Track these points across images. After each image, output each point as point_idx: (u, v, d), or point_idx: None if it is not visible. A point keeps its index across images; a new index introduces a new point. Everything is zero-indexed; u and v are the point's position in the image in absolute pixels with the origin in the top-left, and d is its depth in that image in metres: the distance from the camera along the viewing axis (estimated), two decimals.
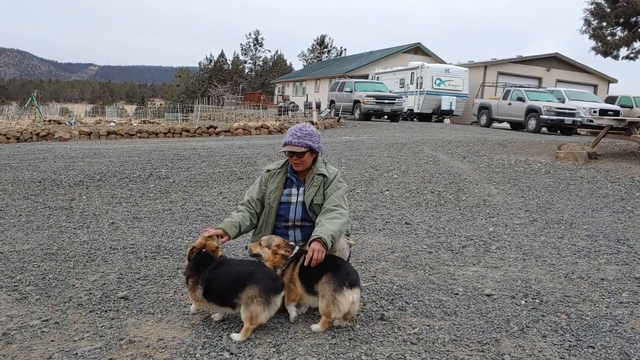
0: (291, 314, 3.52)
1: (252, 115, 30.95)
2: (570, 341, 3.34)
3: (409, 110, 28.32)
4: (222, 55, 75.75)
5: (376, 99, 24.97)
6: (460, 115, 28.43)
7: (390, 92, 26.92)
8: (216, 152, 12.30)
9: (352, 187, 8.82)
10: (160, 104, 63.65)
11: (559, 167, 10.84)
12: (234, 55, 78.25)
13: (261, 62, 77.33)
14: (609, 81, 35.05)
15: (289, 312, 3.53)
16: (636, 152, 12.85)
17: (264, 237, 3.72)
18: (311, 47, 76.94)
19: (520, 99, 22.49)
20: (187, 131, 19.70)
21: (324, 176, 3.98)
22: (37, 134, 17.33)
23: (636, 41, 16.52)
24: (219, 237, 3.69)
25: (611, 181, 9.60)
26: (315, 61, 71.62)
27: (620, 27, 16.70)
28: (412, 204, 8.00)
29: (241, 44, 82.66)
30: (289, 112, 31.57)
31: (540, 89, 26.02)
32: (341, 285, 3.32)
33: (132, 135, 18.85)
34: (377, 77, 31.89)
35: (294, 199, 3.98)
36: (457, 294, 4.18)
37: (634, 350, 3.25)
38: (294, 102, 39.53)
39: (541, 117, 20.87)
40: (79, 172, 9.58)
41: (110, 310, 3.66)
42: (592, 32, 16.93)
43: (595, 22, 16.92)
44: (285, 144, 3.92)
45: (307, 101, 34.56)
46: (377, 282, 4.45)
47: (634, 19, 16.11)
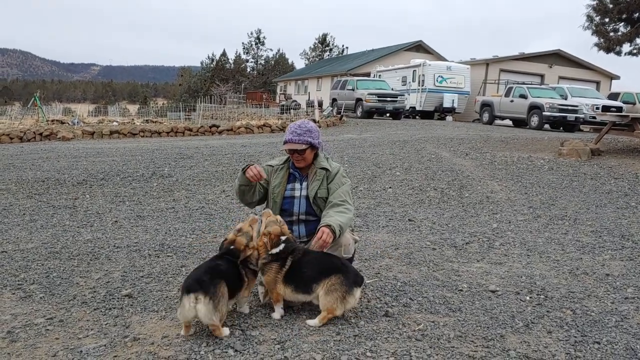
0: (277, 313, 3.53)
1: (254, 114, 30.95)
2: (575, 337, 3.32)
3: (411, 108, 28.29)
4: (224, 54, 75.96)
5: (378, 97, 24.94)
6: (462, 112, 28.39)
7: (392, 90, 26.88)
8: (219, 151, 12.31)
9: (355, 185, 8.82)
10: (162, 104, 63.72)
11: (562, 163, 10.82)
12: (236, 54, 78.41)
13: (263, 61, 77.41)
14: (612, 77, 34.96)
15: (275, 310, 3.53)
16: (639, 148, 12.82)
17: (270, 215, 3.68)
18: (313, 46, 77.03)
19: (522, 96, 22.43)
20: (190, 130, 19.72)
21: (326, 170, 4.00)
22: (40, 134, 17.37)
23: (639, 37, 16.45)
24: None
25: (615, 177, 9.58)
26: (317, 60, 71.62)
27: (623, 23, 16.62)
28: (415, 201, 7.99)
29: (243, 43, 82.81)
30: (291, 111, 31.58)
31: (542, 86, 25.95)
32: (352, 285, 3.38)
33: (135, 134, 18.88)
34: (379, 75, 31.87)
35: (297, 193, 3.98)
36: (461, 290, 4.17)
37: (639, 345, 3.24)
38: (296, 101, 39.50)
39: (544, 114, 20.81)
40: (82, 171, 9.59)
41: (114, 308, 3.66)
42: (594, 28, 16.84)
43: (597, 18, 16.83)
44: (285, 142, 3.92)
45: (309, 100, 34.52)
46: (381, 278, 4.44)
47: (637, 14, 16.03)
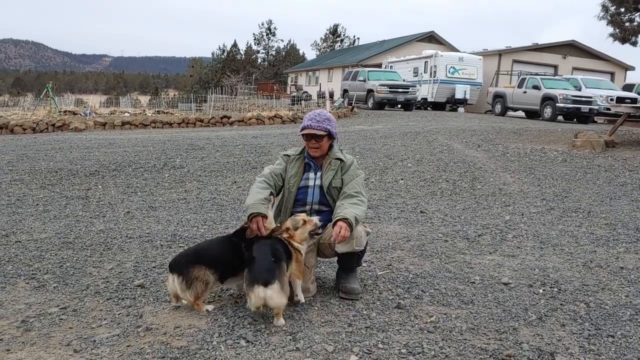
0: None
1: (265, 105, 30.91)
2: (589, 330, 3.30)
3: (422, 99, 28.14)
4: (234, 45, 75.73)
5: (390, 88, 24.83)
6: (474, 104, 28.18)
7: (403, 81, 26.73)
8: (230, 142, 12.32)
9: (367, 176, 8.79)
10: (173, 95, 63.98)
11: (575, 155, 10.71)
12: (247, 45, 78.31)
13: (274, 52, 77.21)
14: (627, 68, 34.52)
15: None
16: None
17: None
18: (324, 37, 76.60)
19: (535, 87, 22.21)
20: (201, 121, 19.76)
21: (341, 160, 3.98)
22: (53, 125, 17.48)
23: None
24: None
25: (629, 169, 9.47)
26: (328, 50, 71.32)
27: (639, 13, 16.38)
28: (427, 192, 7.95)
29: (254, 34, 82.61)
30: (302, 102, 31.52)
31: (556, 77, 25.69)
32: (253, 283, 3.19)
33: (147, 125, 18.94)
34: (391, 66, 31.71)
35: (311, 182, 3.96)
36: (473, 283, 4.15)
37: None
38: (307, 92, 39.45)
39: (557, 105, 20.61)
40: (95, 162, 9.65)
41: (127, 298, 3.68)
42: (609, 18, 16.61)
43: (613, 8, 16.59)
44: (304, 128, 3.89)
45: (320, 91, 34.46)
46: (393, 270, 4.43)
47: None
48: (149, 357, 2.83)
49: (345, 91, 28.04)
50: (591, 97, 21.00)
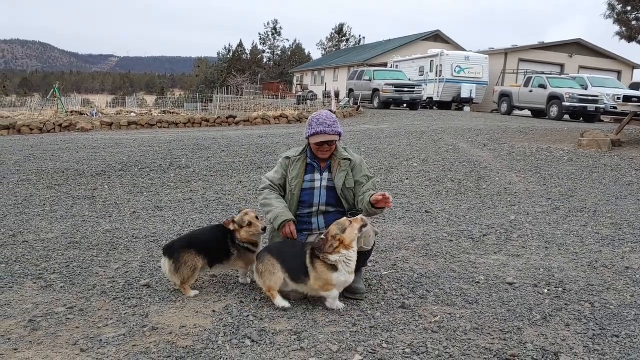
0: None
1: (270, 104, 30.95)
2: (594, 330, 3.30)
3: (428, 98, 28.09)
4: (240, 45, 75.84)
5: (395, 88, 24.79)
6: (480, 103, 28.12)
7: (409, 80, 26.69)
8: (236, 142, 12.35)
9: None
10: (179, 95, 64.04)
11: (582, 154, 10.68)
12: (253, 44, 78.33)
13: (279, 52, 77.26)
14: (634, 67, 34.32)
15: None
16: None
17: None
18: (329, 36, 76.62)
19: (541, 86, 22.14)
20: (207, 121, 19.81)
21: (350, 160, 4.02)
22: (60, 125, 17.58)
23: None
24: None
25: (636, 169, 9.43)
26: (333, 50, 71.31)
27: None
28: (432, 192, 7.95)
29: (259, 34, 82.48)
30: (308, 102, 31.51)
31: (562, 76, 25.59)
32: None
33: (153, 125, 19.01)
34: (396, 66, 31.66)
35: (317, 184, 3.98)
36: (478, 283, 4.15)
37: None
38: (312, 92, 39.42)
39: (563, 104, 20.54)
40: (101, 162, 9.69)
41: (133, 297, 3.71)
42: (616, 16, 16.53)
43: (619, 7, 16.51)
44: (317, 134, 3.87)
45: (325, 90, 34.43)
46: (398, 270, 4.44)
47: None
48: (155, 357, 2.85)
49: (350, 91, 28.03)
50: (598, 96, 20.91)
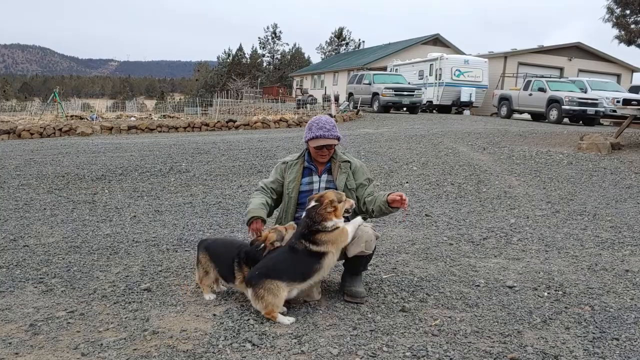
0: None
1: (270, 108, 31.01)
2: (594, 333, 3.30)
3: (428, 102, 28.13)
4: (240, 49, 75.98)
5: (395, 91, 24.83)
6: (480, 106, 28.15)
7: (409, 84, 26.74)
8: (236, 146, 12.36)
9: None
10: (179, 99, 64.16)
11: (581, 158, 10.69)
12: (252, 49, 78.55)
13: (279, 56, 77.45)
14: (633, 70, 34.37)
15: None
16: None
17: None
18: (329, 40, 76.84)
19: (541, 90, 22.18)
20: (207, 125, 19.83)
21: (349, 162, 4.08)
22: (60, 129, 17.58)
23: None
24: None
25: (635, 172, 9.45)
26: (333, 54, 71.43)
27: None
28: (432, 196, 7.96)
29: (259, 38, 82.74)
30: (308, 106, 31.56)
31: (562, 79, 25.64)
32: None
33: (153, 129, 19.03)
34: (396, 69, 31.70)
35: (315, 186, 4.02)
36: (478, 286, 4.16)
37: None
38: (312, 95, 39.46)
39: (563, 107, 20.57)
40: (101, 166, 9.71)
41: (133, 301, 3.71)
42: (615, 20, 16.58)
43: (618, 10, 16.56)
44: (316, 137, 3.90)
45: (325, 94, 34.49)
46: (398, 274, 4.44)
47: None
48: None
49: (350, 94, 28.07)
50: (597, 99, 20.94)
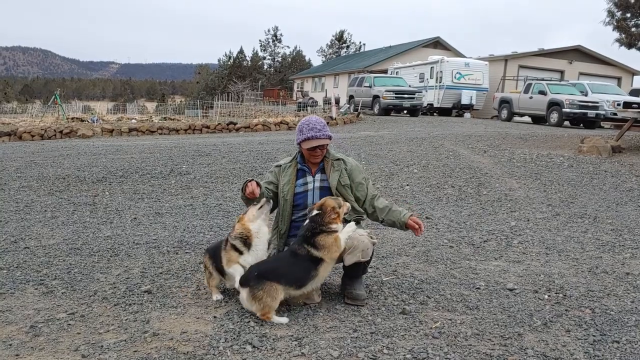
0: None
1: (271, 111, 30.99)
2: (594, 336, 3.30)
3: (428, 104, 28.17)
4: (241, 51, 76.03)
5: (395, 94, 24.85)
6: (480, 109, 28.18)
7: (409, 86, 26.77)
8: (236, 148, 12.36)
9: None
10: (180, 101, 64.13)
11: (582, 160, 10.69)
12: (253, 51, 78.45)
13: (280, 58, 77.46)
14: (633, 73, 34.41)
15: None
16: None
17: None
18: (330, 43, 76.82)
19: (541, 93, 22.20)
20: (207, 127, 19.83)
21: (342, 160, 4.09)
22: (61, 132, 17.59)
23: None
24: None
25: (636, 175, 9.45)
26: (334, 56, 71.49)
27: None
28: (432, 198, 7.96)
29: (260, 41, 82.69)
30: (308, 108, 31.59)
31: (562, 82, 25.66)
32: None
33: (153, 131, 19.03)
34: (397, 72, 31.75)
35: (310, 186, 4.04)
36: (479, 289, 4.16)
37: None
38: (313, 98, 39.52)
39: (563, 110, 20.59)
40: (102, 168, 9.71)
41: (134, 303, 3.71)
42: (615, 23, 16.61)
43: (619, 13, 16.59)
44: (308, 139, 3.92)
45: (326, 97, 34.52)
46: (398, 276, 4.44)
47: None
48: None
49: (351, 97, 28.09)
50: (598, 102, 20.96)
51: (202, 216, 6.75)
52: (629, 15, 16.52)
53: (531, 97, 22.67)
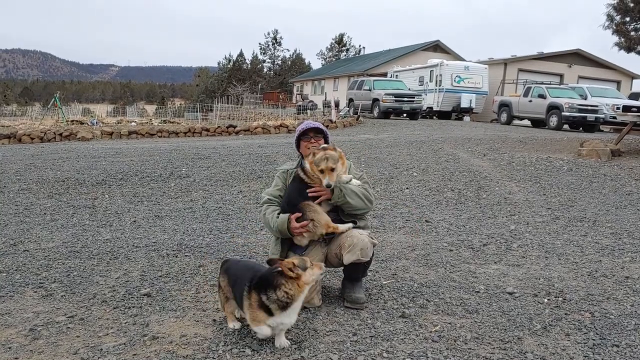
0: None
1: (271, 114, 31.03)
2: (594, 340, 3.30)
3: (428, 108, 28.17)
4: (241, 54, 76.13)
5: (395, 97, 24.86)
6: (480, 112, 28.21)
7: (409, 90, 26.79)
8: (236, 151, 12.37)
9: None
10: (180, 104, 64.13)
11: (581, 164, 10.70)
12: (253, 54, 78.71)
13: (280, 61, 77.57)
14: (633, 77, 34.45)
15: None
16: None
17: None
18: (330, 46, 76.92)
19: (541, 96, 22.23)
20: (207, 130, 19.84)
21: None
22: (60, 134, 17.60)
23: None
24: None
25: (635, 178, 9.45)
26: (333, 60, 71.56)
27: None
28: (432, 202, 7.96)
29: (260, 44, 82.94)
30: (308, 111, 31.59)
31: (561, 86, 25.69)
32: None
33: (153, 134, 19.05)
34: (396, 75, 31.78)
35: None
36: (478, 292, 4.16)
37: None
38: (312, 101, 39.53)
39: (563, 114, 20.60)
40: (102, 171, 9.71)
41: (133, 307, 3.71)
42: (615, 27, 16.65)
43: (618, 17, 16.64)
44: (302, 130, 4.17)
45: (325, 100, 34.53)
46: (398, 280, 4.44)
47: None
48: None
49: (350, 100, 28.11)
50: (597, 106, 20.98)
51: (202, 219, 6.75)
52: (628, 19, 16.56)
53: (530, 101, 22.70)
